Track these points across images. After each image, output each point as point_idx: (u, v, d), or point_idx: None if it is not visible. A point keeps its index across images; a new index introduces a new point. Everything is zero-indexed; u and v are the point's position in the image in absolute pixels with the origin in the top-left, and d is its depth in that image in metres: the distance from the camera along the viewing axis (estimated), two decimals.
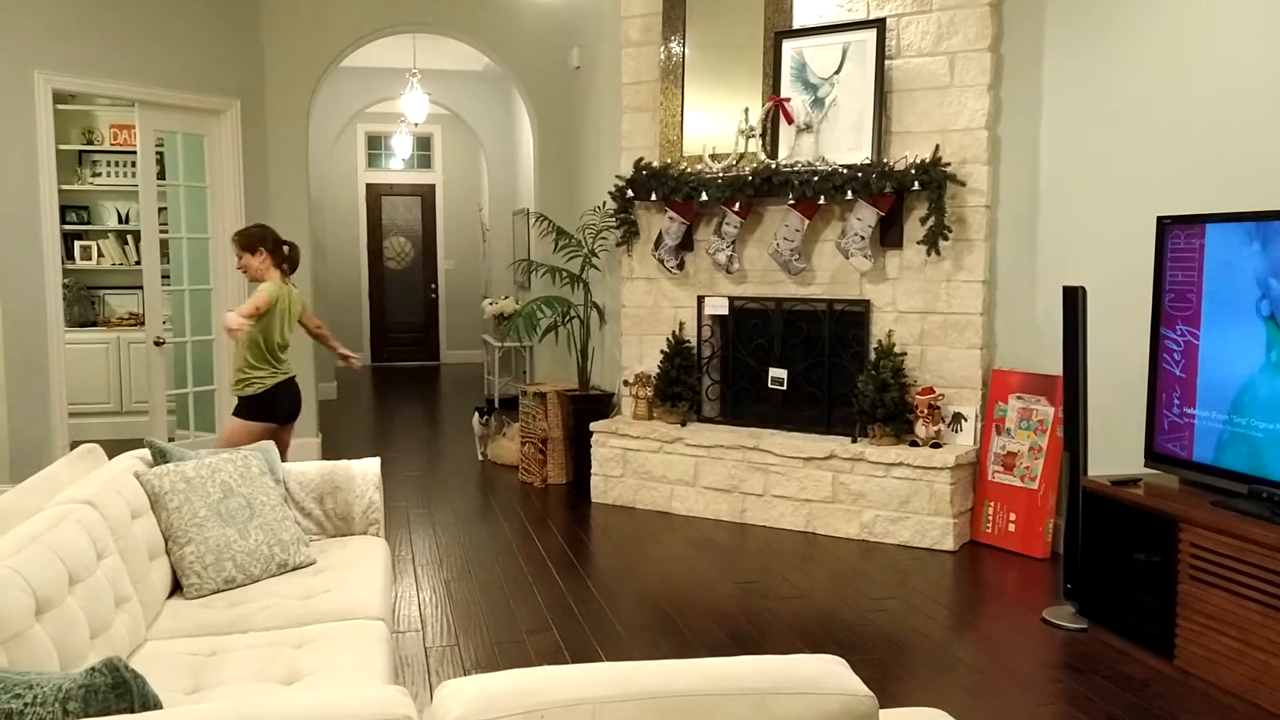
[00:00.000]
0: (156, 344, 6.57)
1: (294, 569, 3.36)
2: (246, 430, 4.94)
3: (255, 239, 5.06)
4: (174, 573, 3.17)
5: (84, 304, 8.76)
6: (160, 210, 6.81)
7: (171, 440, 6.88)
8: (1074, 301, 4.29)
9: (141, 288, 6.77)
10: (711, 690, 1.51)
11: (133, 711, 1.62)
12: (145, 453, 3.42)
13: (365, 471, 3.86)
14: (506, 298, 10.12)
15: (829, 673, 1.58)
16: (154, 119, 6.64)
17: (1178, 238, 3.95)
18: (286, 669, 2.62)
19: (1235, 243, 3.73)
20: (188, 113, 6.82)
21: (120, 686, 1.62)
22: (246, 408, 4.98)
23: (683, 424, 6.17)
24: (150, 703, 1.66)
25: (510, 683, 1.51)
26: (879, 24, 5.52)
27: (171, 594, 3.16)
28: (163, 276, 6.72)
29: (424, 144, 13.62)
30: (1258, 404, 3.64)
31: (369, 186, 13.53)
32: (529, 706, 1.46)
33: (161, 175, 7.04)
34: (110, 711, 1.61)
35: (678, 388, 6.20)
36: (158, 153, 6.87)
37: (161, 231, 6.81)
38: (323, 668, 2.60)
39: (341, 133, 11.36)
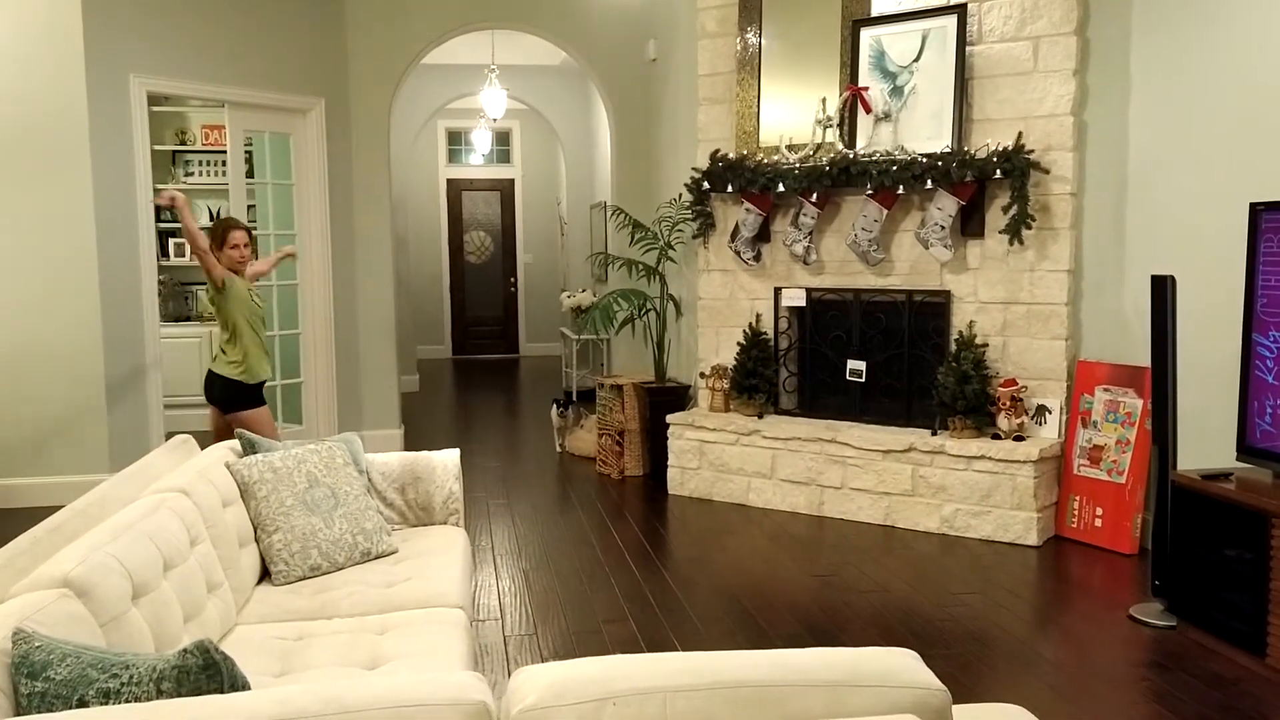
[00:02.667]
0: None
1: (376, 557, 3.44)
2: None
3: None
4: (262, 560, 3.28)
5: (178, 300, 9.06)
6: (249, 208, 7.02)
7: None
8: (1163, 291, 4.18)
9: None
10: (783, 681, 1.51)
11: (222, 692, 1.69)
12: (235, 443, 3.53)
13: (445, 462, 3.93)
14: (584, 291, 10.19)
15: (902, 665, 1.57)
16: (243, 119, 6.84)
17: (1270, 236, 3.81)
18: (370, 654, 2.69)
19: None
20: (275, 112, 7.00)
21: (211, 668, 1.69)
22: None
23: (760, 416, 6.15)
24: (239, 684, 1.72)
25: (583, 670, 1.53)
26: (960, 9, 5.42)
27: (260, 580, 3.27)
28: None
29: (503, 139, 13.76)
30: None
31: (449, 182, 13.72)
32: (601, 694, 1.48)
33: (250, 174, 7.25)
34: (201, 692, 1.68)
35: (754, 380, 6.18)
36: (246, 152, 7.08)
37: (250, 228, 6.99)
38: (405, 654, 2.66)
39: (422, 129, 11.54)
